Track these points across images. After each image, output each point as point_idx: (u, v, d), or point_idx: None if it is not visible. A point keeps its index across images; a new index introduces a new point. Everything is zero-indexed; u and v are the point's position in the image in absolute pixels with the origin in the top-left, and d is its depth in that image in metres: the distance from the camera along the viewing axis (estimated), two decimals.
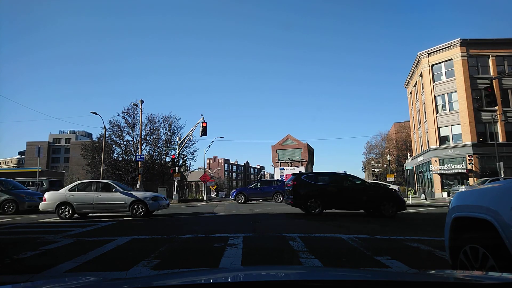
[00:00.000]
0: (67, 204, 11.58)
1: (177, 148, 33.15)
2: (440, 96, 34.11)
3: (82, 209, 11.83)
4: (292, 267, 3.41)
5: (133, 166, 35.08)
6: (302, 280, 1.47)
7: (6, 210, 13.64)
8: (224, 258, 4.73)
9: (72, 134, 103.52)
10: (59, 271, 4.13)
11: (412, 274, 2.53)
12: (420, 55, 35.98)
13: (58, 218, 11.44)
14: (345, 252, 5.28)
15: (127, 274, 3.95)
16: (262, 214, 13.04)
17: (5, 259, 4.96)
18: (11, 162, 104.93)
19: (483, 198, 2.50)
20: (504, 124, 30.69)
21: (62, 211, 11.54)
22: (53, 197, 11.81)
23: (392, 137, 62.78)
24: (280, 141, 70.13)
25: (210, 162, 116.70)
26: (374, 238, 6.68)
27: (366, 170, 78.08)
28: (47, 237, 6.92)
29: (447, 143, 33.34)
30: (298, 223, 9.85)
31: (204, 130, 28.31)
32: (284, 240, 6.32)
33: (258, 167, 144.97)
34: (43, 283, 1.81)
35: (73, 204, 11.61)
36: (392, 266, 4.28)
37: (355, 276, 1.58)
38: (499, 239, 2.14)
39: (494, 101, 16.35)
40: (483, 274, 1.91)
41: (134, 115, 36.72)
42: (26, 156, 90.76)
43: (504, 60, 32.11)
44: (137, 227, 9.27)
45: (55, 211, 11.55)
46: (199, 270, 3.52)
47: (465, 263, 2.52)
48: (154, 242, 6.35)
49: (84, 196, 11.72)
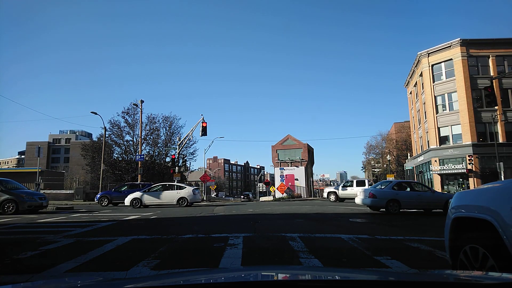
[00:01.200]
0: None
1: (177, 148, 33.15)
2: (440, 96, 34.11)
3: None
4: (292, 267, 3.41)
5: (133, 166, 35.09)
6: (302, 280, 1.47)
7: (6, 210, 13.63)
8: (224, 258, 4.73)
9: (72, 134, 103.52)
10: (59, 271, 4.13)
11: (412, 274, 2.53)
12: (420, 55, 35.98)
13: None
14: (345, 252, 5.28)
15: (127, 274, 3.95)
16: (262, 214, 13.05)
17: (5, 259, 4.95)
18: (11, 162, 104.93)
19: (483, 198, 2.50)
20: (504, 124, 30.69)
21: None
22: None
23: (392, 137, 62.78)
24: (280, 141, 70.05)
25: (210, 162, 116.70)
26: (374, 238, 6.67)
27: (366, 170, 78.05)
28: (47, 237, 6.92)
29: (447, 143, 33.34)
30: (298, 223, 9.85)
31: (204, 130, 28.31)
32: (284, 240, 6.32)
33: (258, 167, 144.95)
34: (43, 283, 1.82)
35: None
36: (392, 266, 4.27)
37: (355, 276, 1.58)
38: (499, 239, 2.14)
39: (494, 101, 16.35)
40: (483, 274, 1.91)
41: (134, 115, 36.78)
42: (26, 156, 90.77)
43: (504, 60, 32.11)
44: (137, 227, 9.27)
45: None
46: (199, 270, 3.52)
47: (465, 263, 2.52)
48: (154, 242, 6.35)
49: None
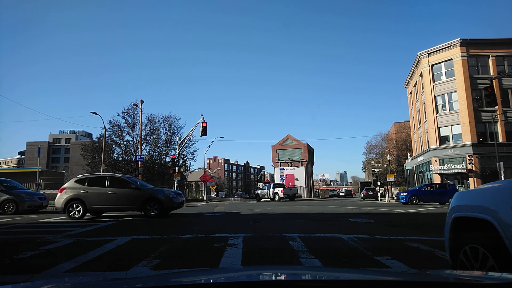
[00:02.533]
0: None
1: (177, 148, 33.15)
2: (440, 96, 34.11)
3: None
4: (292, 267, 3.41)
5: (133, 166, 35.08)
6: (302, 280, 1.47)
7: (6, 210, 13.63)
8: (224, 258, 4.72)
9: (72, 134, 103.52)
10: (59, 271, 4.13)
11: (412, 274, 2.53)
12: (420, 55, 35.97)
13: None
14: (345, 252, 5.28)
15: (127, 274, 3.94)
16: (262, 214, 13.05)
17: (5, 259, 4.95)
18: (11, 162, 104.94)
19: (483, 198, 2.50)
20: (504, 124, 30.68)
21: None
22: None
23: (392, 137, 62.76)
24: (280, 141, 70.08)
25: (210, 162, 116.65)
26: (374, 238, 6.67)
27: (366, 170, 78.05)
28: (47, 237, 6.92)
29: (447, 143, 33.34)
30: (298, 223, 9.85)
31: (204, 130, 28.31)
32: (284, 240, 6.32)
33: (258, 167, 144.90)
34: (43, 283, 1.81)
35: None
36: (392, 266, 4.27)
37: (355, 276, 1.58)
38: (499, 239, 2.14)
39: (494, 101, 16.35)
40: (483, 274, 1.91)
41: (134, 115, 36.76)
42: (26, 156, 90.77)
43: (504, 60, 32.10)
44: (137, 227, 9.26)
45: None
46: (199, 270, 3.52)
47: (465, 263, 2.52)
48: (154, 242, 6.35)
49: None
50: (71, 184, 12.04)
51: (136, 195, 11.63)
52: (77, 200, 11.47)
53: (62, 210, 11.53)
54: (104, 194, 11.60)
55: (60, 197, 11.65)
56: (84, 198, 11.46)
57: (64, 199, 11.53)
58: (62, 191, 11.81)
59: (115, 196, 11.59)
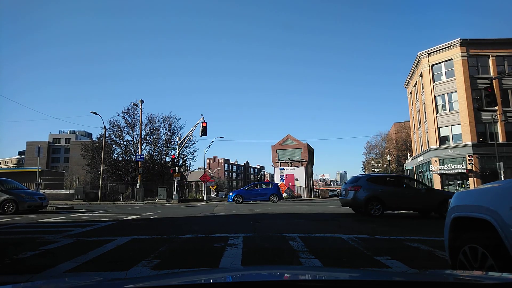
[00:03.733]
0: None
1: (177, 148, 33.14)
2: (440, 96, 34.12)
3: None
4: (292, 267, 3.41)
5: (133, 166, 35.06)
6: (302, 280, 1.47)
7: (6, 210, 13.62)
8: (224, 258, 4.72)
9: (72, 134, 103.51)
10: (59, 271, 4.13)
11: (412, 274, 2.53)
12: (420, 55, 35.98)
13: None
14: (345, 252, 5.28)
15: (127, 274, 3.94)
16: (262, 214, 13.04)
17: (5, 259, 4.95)
18: (11, 162, 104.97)
19: (482, 198, 2.51)
20: (504, 124, 30.70)
21: None
22: None
23: (392, 137, 62.79)
24: (280, 141, 70.09)
25: (210, 162, 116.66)
26: (374, 238, 6.67)
27: (366, 170, 78.07)
28: (47, 237, 6.92)
29: (447, 143, 33.34)
30: (298, 223, 9.86)
31: (204, 130, 28.31)
32: (284, 240, 6.32)
33: (258, 167, 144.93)
34: (43, 283, 1.82)
35: None
36: (392, 266, 4.27)
37: (355, 276, 1.58)
38: (498, 239, 2.14)
39: (494, 101, 16.35)
40: (483, 274, 1.91)
41: (134, 115, 36.71)
42: (26, 156, 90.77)
43: (504, 60, 32.12)
44: (137, 227, 9.26)
45: None
46: (199, 270, 3.52)
47: (464, 263, 2.52)
48: (154, 242, 6.35)
49: None
50: None
51: None
52: None
53: None
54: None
55: None
56: None
57: None
58: None
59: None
